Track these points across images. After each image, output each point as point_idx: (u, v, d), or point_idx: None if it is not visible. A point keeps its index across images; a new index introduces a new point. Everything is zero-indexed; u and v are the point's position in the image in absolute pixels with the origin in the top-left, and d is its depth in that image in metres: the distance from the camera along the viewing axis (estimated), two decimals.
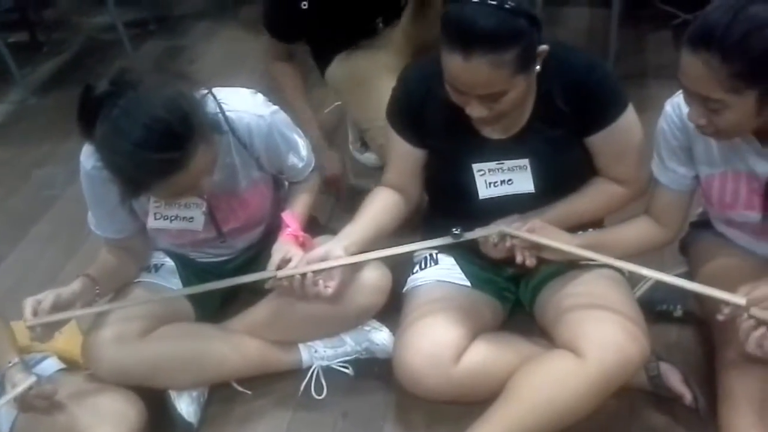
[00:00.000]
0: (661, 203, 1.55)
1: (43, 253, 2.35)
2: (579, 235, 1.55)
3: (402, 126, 1.59)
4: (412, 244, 1.56)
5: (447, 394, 1.52)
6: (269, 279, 1.51)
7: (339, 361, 1.77)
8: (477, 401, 1.50)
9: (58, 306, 1.44)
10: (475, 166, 1.53)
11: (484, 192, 1.55)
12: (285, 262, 1.51)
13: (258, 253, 1.76)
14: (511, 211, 1.54)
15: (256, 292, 1.71)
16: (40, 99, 3.40)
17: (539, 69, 1.39)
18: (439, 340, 1.51)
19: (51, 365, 1.64)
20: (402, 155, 1.63)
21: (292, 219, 1.63)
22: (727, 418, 1.41)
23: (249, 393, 1.75)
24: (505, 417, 1.42)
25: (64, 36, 3.97)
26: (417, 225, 1.78)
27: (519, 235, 1.46)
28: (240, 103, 1.54)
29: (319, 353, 1.76)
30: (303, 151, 1.71)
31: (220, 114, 1.49)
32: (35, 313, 1.42)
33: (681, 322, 1.78)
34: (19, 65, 3.40)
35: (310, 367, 1.76)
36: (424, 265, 1.70)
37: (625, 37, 2.99)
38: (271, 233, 1.69)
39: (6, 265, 2.32)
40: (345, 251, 1.50)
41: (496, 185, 1.54)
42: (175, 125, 1.30)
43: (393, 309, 1.69)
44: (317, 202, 1.84)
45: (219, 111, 1.48)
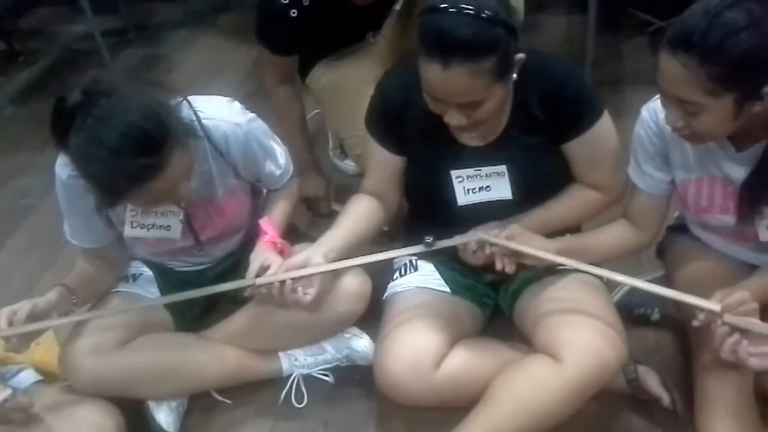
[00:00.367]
0: (639, 207, 1.56)
1: (20, 264, 2.32)
2: (557, 240, 1.56)
3: (381, 133, 1.60)
4: (391, 251, 1.56)
5: (427, 400, 1.52)
6: (248, 287, 1.51)
7: (319, 369, 1.77)
8: (458, 407, 1.50)
9: (33, 316, 1.43)
10: (454, 172, 1.54)
11: (462, 198, 1.56)
12: (263, 269, 1.51)
13: (237, 262, 1.75)
14: (490, 218, 1.54)
15: (235, 300, 1.71)
16: (16, 108, 3.37)
17: (516, 77, 1.40)
18: (419, 346, 1.51)
19: (28, 377, 1.63)
20: (381, 162, 1.63)
21: (269, 226, 1.63)
22: (704, 420, 1.42)
23: (229, 402, 1.74)
24: (486, 422, 1.43)
25: (40, 45, 3.94)
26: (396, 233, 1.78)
27: (498, 243, 1.47)
28: (216, 111, 1.54)
29: (300, 361, 1.75)
30: (281, 159, 1.70)
31: (196, 122, 1.48)
32: (10, 324, 1.41)
33: (659, 325, 1.79)
34: None
35: (290, 376, 1.76)
36: (403, 272, 1.70)
37: (602, 44, 3.01)
38: (250, 241, 1.68)
39: None
40: (324, 258, 1.50)
41: (474, 192, 1.55)
42: (151, 131, 1.29)
43: (373, 316, 1.69)
44: (296, 209, 1.84)
45: (195, 119, 1.48)
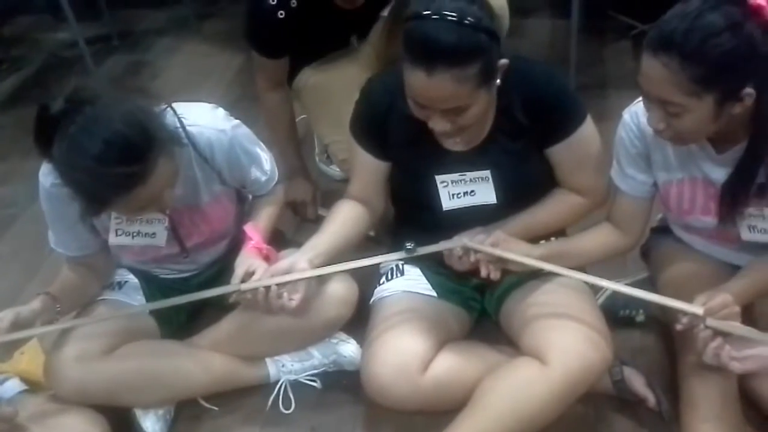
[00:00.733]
0: (622, 210, 1.57)
1: (4, 274, 2.30)
2: (542, 245, 1.57)
3: (365, 139, 1.60)
4: (375, 257, 1.56)
5: (415, 403, 1.52)
6: (233, 293, 1.50)
7: (307, 375, 1.77)
8: (445, 410, 1.51)
9: (17, 325, 1.42)
10: (438, 177, 1.54)
11: (447, 203, 1.56)
12: (249, 275, 1.50)
13: (223, 268, 1.74)
14: (475, 222, 1.55)
15: (221, 307, 1.70)
16: (0, 116, 3.35)
17: (499, 83, 1.41)
18: (406, 350, 1.52)
19: (12, 387, 1.62)
20: (365, 168, 1.63)
21: (254, 231, 1.63)
22: (689, 422, 1.44)
23: (216, 409, 1.73)
24: (473, 424, 1.43)
25: (24, 52, 3.91)
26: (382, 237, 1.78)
27: (482, 249, 1.47)
28: (200, 118, 1.54)
29: (287, 367, 1.75)
30: (266, 165, 1.70)
31: (180, 129, 1.48)
32: None
33: (644, 326, 1.80)
34: None
35: (277, 382, 1.75)
36: (390, 276, 1.70)
37: (585, 48, 3.04)
38: (236, 248, 1.67)
39: None
40: (310, 264, 1.50)
41: (459, 196, 1.56)
42: (135, 138, 1.29)
43: (360, 321, 1.69)
44: (282, 215, 1.84)
45: (179, 125, 1.48)
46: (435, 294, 1.66)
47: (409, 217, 1.70)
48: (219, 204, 1.66)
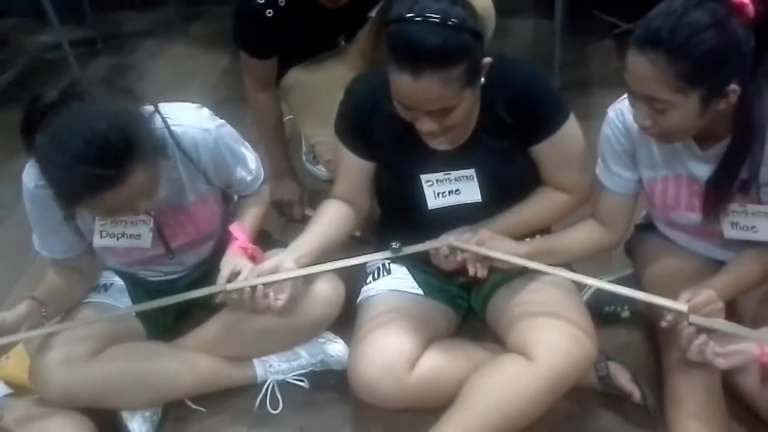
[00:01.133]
0: (606, 207, 1.59)
1: None
2: (527, 242, 1.58)
3: (350, 139, 1.60)
4: (361, 256, 1.57)
5: (402, 402, 1.53)
6: (219, 293, 1.50)
7: (294, 375, 1.77)
8: (432, 408, 1.51)
9: (2, 330, 1.41)
10: (423, 176, 1.55)
11: (433, 202, 1.57)
12: (234, 275, 1.50)
13: (209, 270, 1.73)
14: (461, 221, 1.55)
15: (208, 308, 1.70)
16: None
17: (484, 81, 1.41)
18: (393, 349, 1.52)
19: None
20: (351, 168, 1.64)
21: (239, 231, 1.62)
22: (673, 415, 1.45)
23: (204, 410, 1.73)
24: (460, 421, 1.44)
25: (7, 55, 3.89)
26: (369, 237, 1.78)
27: (468, 248, 1.48)
28: (185, 118, 1.53)
29: (274, 367, 1.75)
30: (251, 164, 1.70)
31: (165, 129, 1.47)
32: None
33: (629, 322, 1.81)
34: None
35: (265, 382, 1.75)
36: (377, 275, 1.71)
37: (569, 47, 3.05)
38: (222, 249, 1.67)
39: None
40: (296, 263, 1.50)
41: (444, 195, 1.56)
42: (114, 141, 1.28)
43: (347, 320, 1.69)
44: (268, 215, 1.84)
45: (164, 126, 1.47)
46: (421, 292, 1.67)
47: (395, 217, 1.71)
48: (205, 204, 1.66)
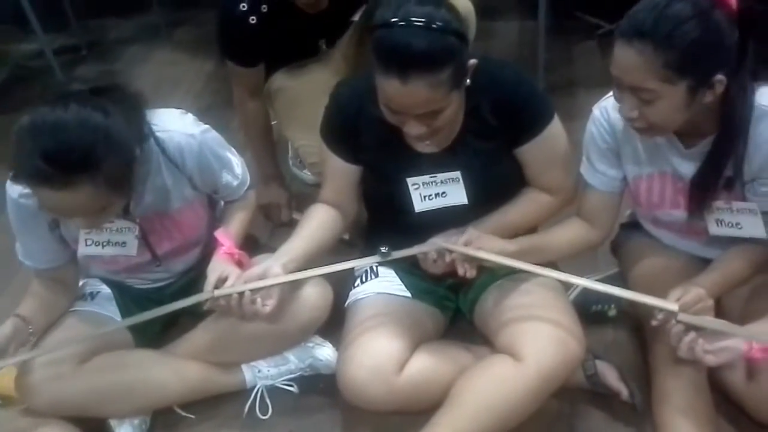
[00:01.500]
0: (592, 205, 1.59)
1: None
2: (515, 241, 1.58)
3: (336, 143, 1.60)
4: (349, 261, 1.56)
5: (391, 404, 1.53)
6: (206, 300, 1.49)
7: (283, 380, 1.76)
8: (422, 410, 1.51)
9: None
10: (410, 180, 1.55)
11: (419, 205, 1.57)
12: (222, 281, 1.50)
13: (197, 276, 1.72)
14: (448, 223, 1.55)
15: (196, 315, 1.69)
16: None
17: (469, 83, 1.42)
18: (381, 352, 1.52)
19: None
20: (337, 172, 1.64)
21: (225, 237, 1.62)
22: (661, 413, 1.46)
23: (193, 417, 1.72)
24: (450, 422, 1.44)
25: None
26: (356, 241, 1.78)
27: (456, 250, 1.48)
28: (169, 123, 1.53)
29: (263, 373, 1.74)
30: (237, 169, 1.70)
31: (150, 134, 1.47)
32: None
33: (616, 321, 1.82)
34: None
35: (254, 388, 1.75)
36: (365, 279, 1.71)
37: (554, 48, 3.07)
38: (209, 255, 1.66)
39: None
40: (283, 269, 1.49)
41: (430, 198, 1.56)
42: (72, 154, 1.26)
43: (336, 324, 1.69)
44: (254, 220, 1.84)
45: (149, 131, 1.47)
46: (409, 294, 1.67)
47: (382, 220, 1.71)
48: (191, 210, 1.65)
